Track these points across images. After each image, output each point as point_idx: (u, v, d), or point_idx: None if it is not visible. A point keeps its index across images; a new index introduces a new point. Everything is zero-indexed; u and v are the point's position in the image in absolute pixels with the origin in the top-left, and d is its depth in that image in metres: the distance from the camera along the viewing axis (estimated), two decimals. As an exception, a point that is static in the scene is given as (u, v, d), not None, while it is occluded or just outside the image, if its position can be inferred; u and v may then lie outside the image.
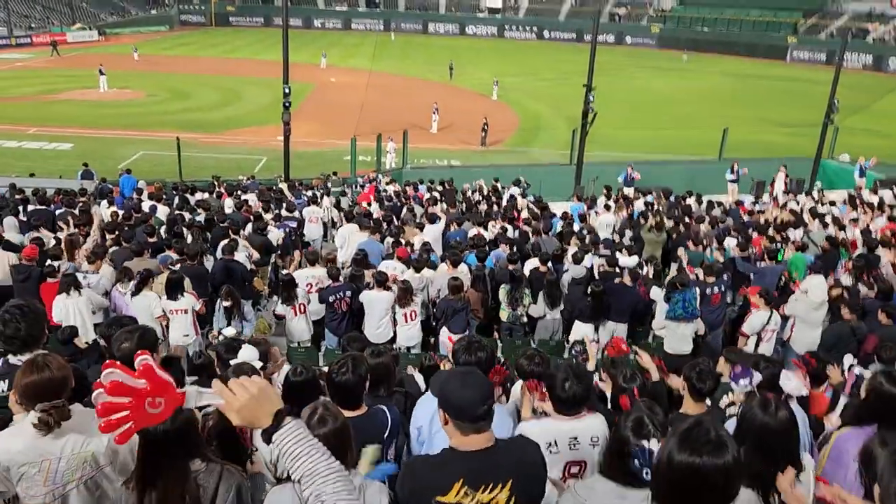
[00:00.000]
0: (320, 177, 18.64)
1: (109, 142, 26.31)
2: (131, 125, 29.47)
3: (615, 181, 19.16)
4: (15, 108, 32.41)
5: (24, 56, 50.27)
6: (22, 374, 2.93)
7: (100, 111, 32.21)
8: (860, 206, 15.52)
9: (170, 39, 63.46)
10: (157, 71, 44.00)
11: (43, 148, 25.66)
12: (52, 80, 39.95)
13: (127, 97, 35.81)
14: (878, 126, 31.21)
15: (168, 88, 38.38)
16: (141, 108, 33.35)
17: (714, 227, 13.20)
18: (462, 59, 50.28)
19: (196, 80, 41.59)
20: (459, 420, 2.49)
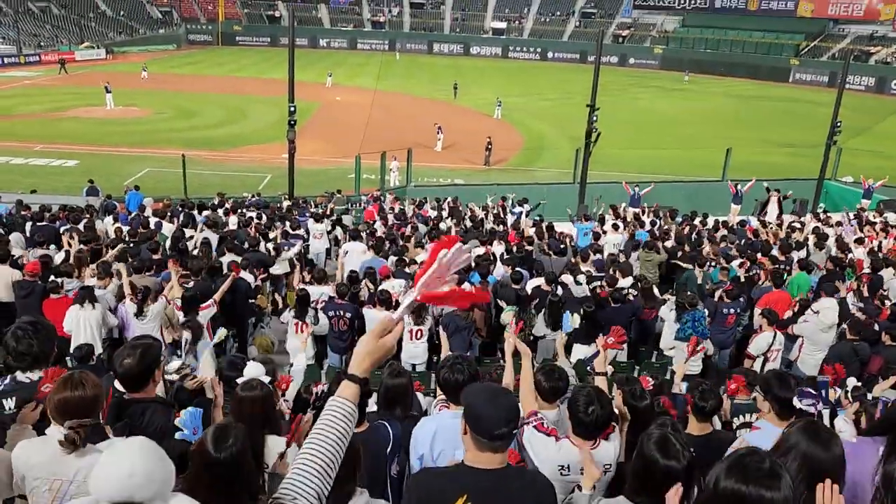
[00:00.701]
0: (324, 195, 18.66)
1: (115, 159, 26.42)
2: (137, 142, 29.62)
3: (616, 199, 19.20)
4: (23, 125, 32.64)
5: (33, 74, 50.79)
6: (56, 389, 2.94)
7: (106, 128, 32.36)
8: (866, 225, 15.55)
9: (177, 58, 63.94)
10: (164, 89, 44.24)
11: (49, 165, 25.74)
12: (60, 97, 40.22)
13: (133, 115, 36.01)
14: (881, 147, 31.32)
15: (174, 106, 38.60)
16: (147, 126, 33.51)
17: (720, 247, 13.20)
18: (466, 78, 50.58)
19: (202, 98, 41.86)
20: (478, 434, 2.47)
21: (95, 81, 41.68)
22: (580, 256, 11.56)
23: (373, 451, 3.40)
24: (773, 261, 11.50)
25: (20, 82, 46.78)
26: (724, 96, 51.47)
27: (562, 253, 12.18)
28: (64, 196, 17.93)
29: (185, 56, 65.97)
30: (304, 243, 12.59)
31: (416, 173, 24.34)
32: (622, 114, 35.17)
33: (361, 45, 76.31)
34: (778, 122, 39.83)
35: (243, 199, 17.88)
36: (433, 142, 30.31)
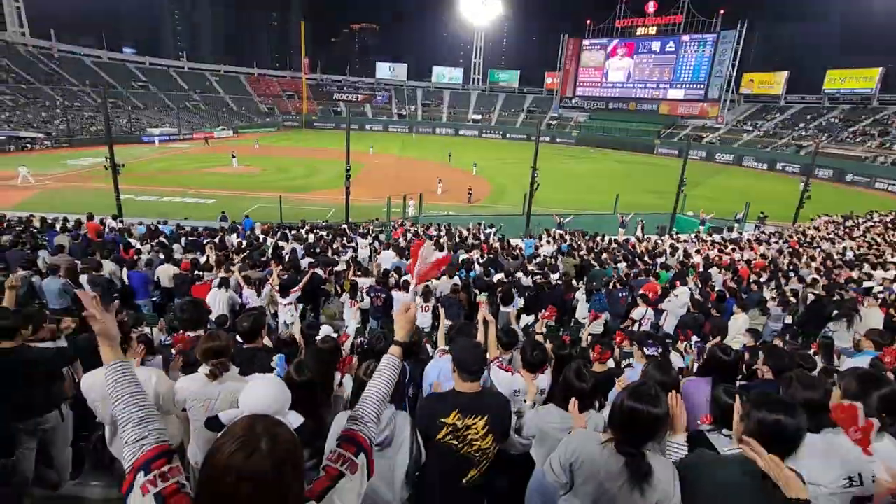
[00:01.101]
0: (367, 221, 18.67)
1: (238, 199, 26.30)
2: (251, 188, 29.57)
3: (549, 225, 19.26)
4: (181, 177, 32.65)
5: (188, 145, 50.69)
6: (203, 341, 2.98)
7: (232, 180, 32.33)
8: (701, 242, 15.61)
9: (277, 136, 63.79)
10: (269, 155, 44.17)
11: (196, 202, 25.68)
12: (204, 160, 40.13)
13: (249, 171, 35.91)
14: (710, 194, 31.52)
15: (275, 165, 38.49)
16: (257, 178, 33.44)
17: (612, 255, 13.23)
18: (457, 150, 50.57)
19: (292, 160, 41.74)
20: (462, 370, 2.58)
21: (226, 151, 41.63)
22: (527, 260, 11.58)
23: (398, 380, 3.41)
24: (645, 263, 11.55)
25: (179, 151, 46.71)
26: (615, 162, 51.68)
27: (516, 258, 12.20)
28: (206, 221, 17.89)
29: (282, 135, 65.85)
30: (354, 252, 12.55)
31: (425, 208, 24.36)
32: (553, 172, 35.24)
33: (392, 129, 76.40)
34: (648, 178, 39.96)
35: (317, 223, 17.87)
36: (436, 188, 30.33)
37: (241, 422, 1.28)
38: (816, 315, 8.25)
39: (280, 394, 1.82)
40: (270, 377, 1.99)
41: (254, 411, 1.43)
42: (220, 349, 2.93)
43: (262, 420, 1.29)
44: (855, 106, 56.74)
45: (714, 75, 63.95)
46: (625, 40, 72.53)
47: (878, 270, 11.15)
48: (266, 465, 1.18)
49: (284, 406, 1.81)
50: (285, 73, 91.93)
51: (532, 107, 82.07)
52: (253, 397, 1.76)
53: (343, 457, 1.65)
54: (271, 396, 1.76)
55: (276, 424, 1.30)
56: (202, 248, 10.85)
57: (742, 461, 1.87)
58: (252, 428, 1.25)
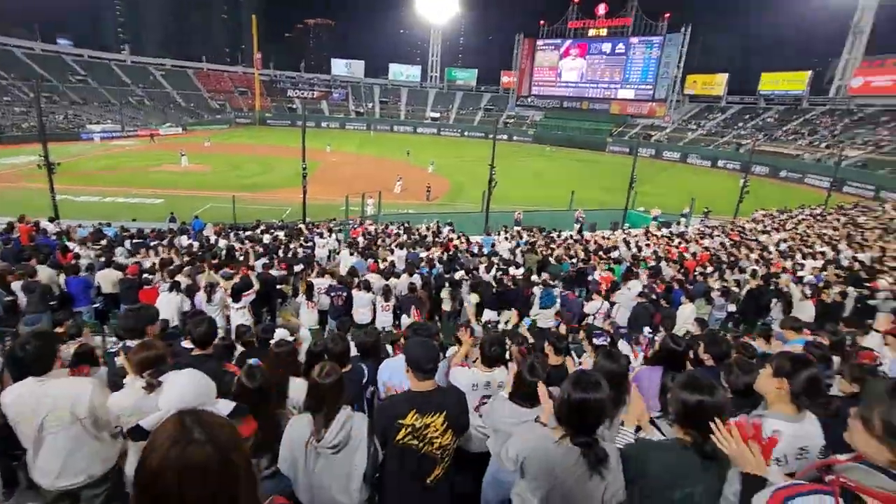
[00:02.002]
0: (325, 221, 18.30)
1: (187, 198, 25.12)
2: (202, 187, 28.37)
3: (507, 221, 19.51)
4: (125, 176, 30.91)
5: (132, 143, 48.17)
6: (136, 350, 2.79)
7: (181, 178, 30.90)
8: (651, 237, 16.20)
9: (229, 133, 61.44)
10: (220, 153, 42.46)
11: (142, 202, 24.35)
12: (150, 158, 38.10)
13: (200, 169, 34.38)
14: (658, 191, 32.81)
15: (227, 164, 37.05)
16: (209, 177, 32.09)
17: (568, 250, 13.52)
18: (415, 148, 50.46)
19: (246, 158, 40.33)
20: (415, 370, 2.55)
21: (174, 148, 39.81)
22: (486, 256, 11.66)
23: (353, 383, 3.34)
24: (600, 258, 11.89)
25: (123, 149, 44.18)
26: (570, 160, 52.85)
27: (475, 255, 12.28)
28: (153, 222, 17.02)
29: (234, 132, 63.42)
30: (312, 252, 12.26)
31: (384, 207, 24.10)
32: (510, 170, 35.66)
33: (349, 127, 74.99)
34: (600, 175, 41.12)
35: (273, 223, 17.36)
36: (395, 186, 30.08)
37: (168, 421, 1.16)
38: (755, 303, 8.75)
39: (200, 385, 1.73)
40: (186, 371, 1.89)
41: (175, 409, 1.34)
42: (157, 358, 2.77)
43: (189, 413, 1.17)
44: (788, 106, 60.55)
45: (661, 76, 66.58)
46: (577, 41, 74.32)
47: (808, 260, 11.95)
48: (206, 454, 1.08)
49: (210, 395, 1.73)
50: (237, 68, 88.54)
51: (489, 105, 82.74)
52: (173, 394, 1.67)
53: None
54: (192, 389, 1.68)
55: (206, 413, 1.19)
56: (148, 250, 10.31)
57: (680, 444, 1.98)
58: (181, 423, 1.13)
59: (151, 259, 9.10)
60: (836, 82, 58.59)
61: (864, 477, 1.22)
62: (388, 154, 48.48)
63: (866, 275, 9.78)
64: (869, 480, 1.21)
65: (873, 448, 1.21)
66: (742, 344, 4.50)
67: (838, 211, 22.55)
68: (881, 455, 1.19)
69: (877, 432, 1.20)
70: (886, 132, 47.73)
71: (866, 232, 16.19)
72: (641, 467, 2.04)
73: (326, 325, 8.25)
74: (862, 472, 1.23)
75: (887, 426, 1.18)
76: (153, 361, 2.68)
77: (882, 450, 1.19)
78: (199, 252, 10.36)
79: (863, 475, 1.22)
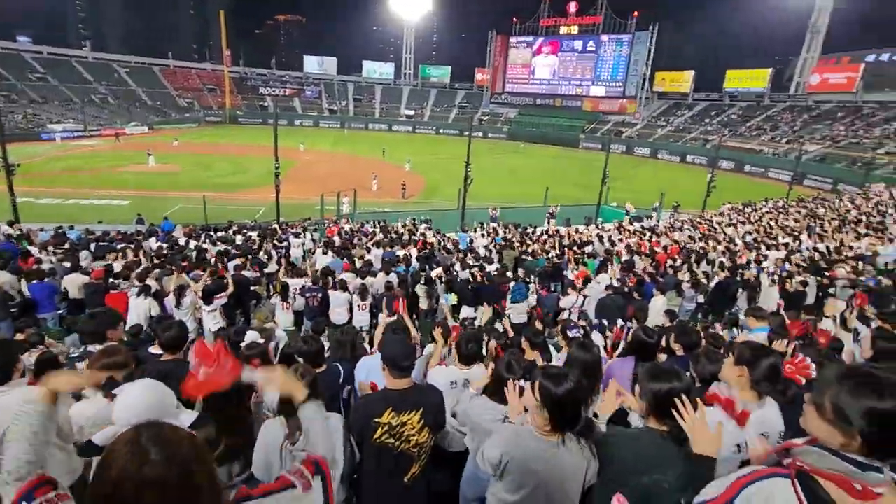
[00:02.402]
0: (300, 220, 18.04)
1: (155, 199, 24.42)
2: (171, 187, 27.62)
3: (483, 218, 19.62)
4: (89, 177, 29.83)
5: (95, 143, 46.41)
6: (98, 357, 2.68)
7: (149, 179, 29.97)
8: (624, 231, 16.52)
9: (198, 132, 59.75)
10: (190, 152, 41.30)
11: (108, 204, 23.54)
12: (115, 158, 36.85)
13: (168, 169, 33.40)
14: (630, 186, 33.40)
15: (197, 163, 36.12)
16: (178, 177, 31.23)
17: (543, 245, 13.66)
18: (390, 146, 50.08)
19: (216, 158, 39.33)
20: (391, 368, 2.54)
21: (141, 148, 38.57)
22: (463, 254, 11.69)
23: (329, 383, 3.31)
24: (575, 253, 12.06)
25: (86, 148, 42.54)
26: (543, 157, 53.37)
27: (451, 252, 12.30)
28: (119, 224, 16.46)
29: (204, 131, 61.77)
30: (287, 252, 12.08)
31: (360, 205, 23.93)
32: (485, 167, 35.79)
33: (323, 125, 73.94)
34: (574, 171, 41.67)
35: (245, 223, 17.03)
36: (370, 184, 29.87)
37: (123, 437, 1.09)
38: (723, 294, 9.03)
39: (157, 396, 1.63)
40: (142, 382, 1.82)
41: (129, 423, 1.25)
42: (120, 364, 2.68)
43: (147, 428, 1.11)
44: (751, 103, 62.54)
45: (631, 74, 67.87)
46: (549, 39, 75.04)
47: (772, 251, 12.39)
48: (163, 473, 1.03)
49: (169, 407, 1.63)
50: (205, 65, 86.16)
51: (464, 102, 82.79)
52: (127, 408, 1.56)
53: (300, 472, 1.60)
54: (145, 402, 1.58)
55: (163, 426, 1.14)
56: (116, 254, 9.98)
57: (650, 432, 2.04)
58: (136, 440, 1.07)
59: (118, 263, 8.80)
60: (795, 80, 60.79)
61: (818, 460, 1.27)
62: (363, 152, 48.04)
63: (825, 264, 10.20)
64: (822, 463, 1.27)
65: (825, 432, 1.27)
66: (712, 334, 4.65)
67: (799, 203, 23.42)
68: (833, 438, 1.25)
69: (828, 416, 1.25)
70: (842, 127, 49.79)
71: (825, 223, 16.87)
72: (608, 455, 2.09)
73: (302, 325, 8.15)
74: (816, 455, 1.29)
75: (837, 410, 1.23)
76: (113, 368, 2.58)
77: (834, 433, 1.25)
78: (169, 254, 10.08)
79: (817, 458, 1.28)
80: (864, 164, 36.74)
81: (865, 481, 1.21)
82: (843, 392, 1.23)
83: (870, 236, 13.39)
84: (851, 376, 1.25)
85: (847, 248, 12.58)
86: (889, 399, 1.17)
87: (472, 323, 6.72)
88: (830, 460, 1.26)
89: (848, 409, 1.21)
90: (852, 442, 1.22)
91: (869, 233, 13.99)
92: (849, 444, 1.23)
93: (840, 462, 1.24)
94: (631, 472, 2.00)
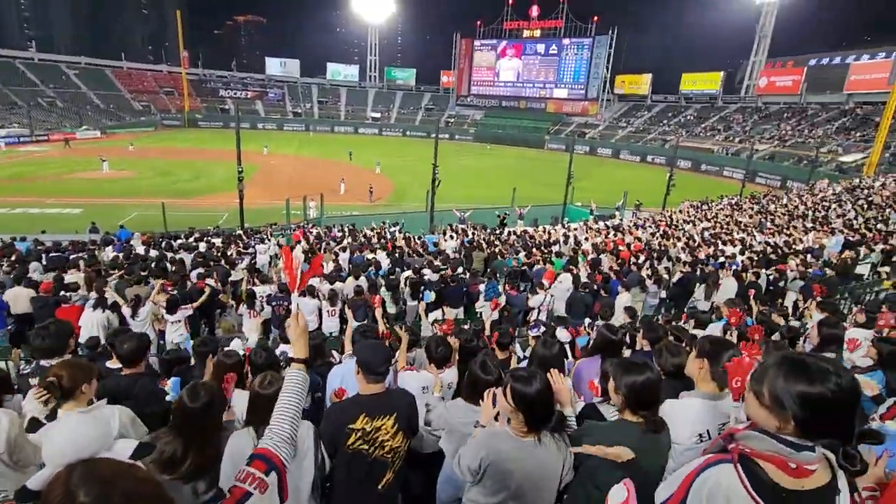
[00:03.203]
0: (265, 226, 17.62)
1: (111, 207, 23.36)
2: (127, 194, 26.50)
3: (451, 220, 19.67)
4: (37, 185, 28.30)
5: (43, 149, 43.94)
6: (53, 372, 2.55)
7: (102, 186, 28.63)
8: (590, 230, 16.89)
9: (155, 136, 57.55)
10: (146, 157, 39.75)
11: (59, 213, 22.39)
12: (66, 165, 35.09)
13: (124, 175, 32.04)
14: (594, 185, 34.20)
15: (155, 169, 34.77)
16: (134, 183, 29.98)
17: (512, 246, 13.81)
18: (357, 148, 49.65)
19: (176, 163, 37.92)
20: (366, 372, 2.53)
21: (93, 154, 36.83)
22: (431, 255, 11.69)
23: None
24: (542, 252, 12.24)
25: (33, 155, 40.35)
26: (509, 157, 54.02)
27: (421, 255, 12.27)
28: (72, 235, 15.66)
29: (161, 134, 59.57)
30: (252, 259, 11.77)
31: (327, 209, 23.60)
32: (453, 169, 35.94)
33: (287, 128, 72.56)
34: (539, 172, 42.25)
35: (208, 230, 16.52)
36: (338, 187, 29.51)
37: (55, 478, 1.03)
38: (684, 289, 9.36)
39: (89, 431, 1.45)
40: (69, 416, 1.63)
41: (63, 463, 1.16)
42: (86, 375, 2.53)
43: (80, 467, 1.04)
44: (705, 105, 65.18)
45: (592, 76, 69.61)
46: (513, 42, 76.10)
47: (728, 246, 12.93)
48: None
49: (105, 440, 1.47)
50: (161, 66, 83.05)
51: (430, 105, 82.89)
52: (56, 449, 1.38)
53: (252, 475, 1.51)
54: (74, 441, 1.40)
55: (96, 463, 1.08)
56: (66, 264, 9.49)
57: (626, 425, 2.10)
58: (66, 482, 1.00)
59: (79, 275, 8.37)
60: (745, 82, 63.82)
61: (758, 443, 1.37)
62: (329, 155, 47.41)
63: (777, 258, 10.72)
64: (761, 445, 1.36)
65: (763, 417, 1.36)
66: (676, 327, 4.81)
67: (751, 200, 24.54)
68: (770, 422, 1.34)
69: (766, 402, 1.34)
70: (789, 127, 52.51)
71: (776, 218, 17.74)
72: None
73: (270, 334, 7.96)
74: (756, 440, 1.38)
75: (773, 397, 1.32)
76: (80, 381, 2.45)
77: (770, 418, 1.34)
78: (126, 264, 9.65)
79: (757, 442, 1.37)
80: (809, 162, 38.85)
81: (799, 460, 1.30)
82: (778, 378, 1.31)
83: (816, 230, 14.16)
84: (784, 363, 1.33)
85: (798, 241, 13.27)
86: (818, 384, 1.25)
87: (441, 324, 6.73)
88: (768, 443, 1.34)
89: (782, 394, 1.29)
90: (787, 425, 1.31)
91: (815, 227, 14.80)
92: (784, 427, 1.32)
93: (776, 444, 1.33)
94: (607, 467, 2.05)
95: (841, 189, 24.94)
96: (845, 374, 1.27)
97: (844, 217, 16.43)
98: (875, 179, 26.20)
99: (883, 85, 45.01)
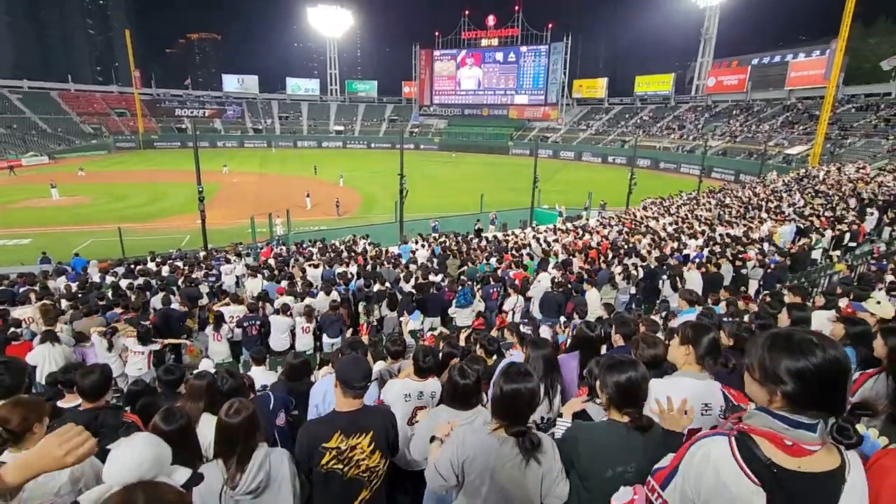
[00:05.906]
0: (230, 245, 17.12)
1: (63, 235, 22.27)
2: (81, 221, 25.30)
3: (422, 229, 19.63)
4: (-20, 215, 26.63)
5: (-15, 176, 41.52)
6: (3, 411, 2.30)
7: (53, 214, 27.25)
8: (558, 231, 17.14)
9: (108, 160, 55.35)
10: (100, 182, 38.12)
11: (5, 245, 21.18)
12: (11, 193, 33.27)
13: (76, 202, 30.61)
14: (559, 188, 34.91)
15: (109, 193, 33.39)
16: (88, 209, 28.67)
17: (483, 251, 13.87)
18: (321, 162, 49.17)
19: (131, 186, 36.57)
20: (345, 387, 2.46)
21: (41, 180, 35.13)
22: (405, 265, 11.60)
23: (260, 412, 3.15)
24: (513, 256, 12.32)
25: (-25, 184, 38.05)
26: (475, 164, 54.62)
27: (395, 266, 12.16)
28: (19, 266, 14.79)
29: (115, 158, 57.37)
30: (218, 281, 11.38)
31: (294, 225, 23.16)
32: (420, 178, 36.04)
33: (248, 145, 71.28)
34: (505, 177, 42.76)
35: (170, 253, 15.91)
36: (304, 203, 29.05)
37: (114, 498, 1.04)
38: (652, 284, 9.59)
39: (152, 451, 1.47)
40: (136, 437, 1.62)
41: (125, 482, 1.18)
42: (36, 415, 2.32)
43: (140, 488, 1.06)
44: (659, 105, 67.72)
45: (550, 82, 71.36)
46: (472, 51, 77.26)
47: (691, 240, 13.36)
48: None
49: (164, 463, 1.48)
50: (111, 87, 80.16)
51: (393, 116, 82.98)
52: (119, 467, 1.41)
53: None
54: (137, 460, 1.43)
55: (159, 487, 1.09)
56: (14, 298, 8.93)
57: (609, 424, 2.09)
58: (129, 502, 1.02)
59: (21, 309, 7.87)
60: (695, 82, 66.59)
61: (756, 419, 1.40)
62: (293, 170, 46.77)
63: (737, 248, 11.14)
64: (758, 421, 1.39)
65: (756, 392, 1.40)
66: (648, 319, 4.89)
67: (709, 194, 25.52)
68: (762, 396, 1.38)
69: (757, 378, 1.38)
70: (738, 124, 55.09)
71: (733, 210, 18.47)
72: (574, 450, 2.12)
73: (242, 356, 7.70)
74: (755, 416, 1.41)
75: (761, 370, 1.36)
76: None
77: (762, 391, 1.37)
78: (81, 294, 9.16)
79: (756, 418, 1.40)
80: (759, 156, 40.80)
81: (796, 438, 1.31)
82: (765, 352, 1.35)
83: (770, 220, 14.81)
84: (770, 337, 1.38)
85: (755, 230, 13.83)
86: (802, 357, 1.28)
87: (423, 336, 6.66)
88: (763, 418, 1.37)
89: (770, 368, 1.33)
90: (775, 398, 1.34)
91: (769, 217, 15.48)
92: (773, 400, 1.35)
93: (771, 419, 1.35)
94: (596, 467, 2.05)
95: (790, 179, 26.26)
96: (831, 347, 1.29)
97: (795, 206, 17.25)
98: (819, 170, 27.69)
99: (820, 80, 47.78)
